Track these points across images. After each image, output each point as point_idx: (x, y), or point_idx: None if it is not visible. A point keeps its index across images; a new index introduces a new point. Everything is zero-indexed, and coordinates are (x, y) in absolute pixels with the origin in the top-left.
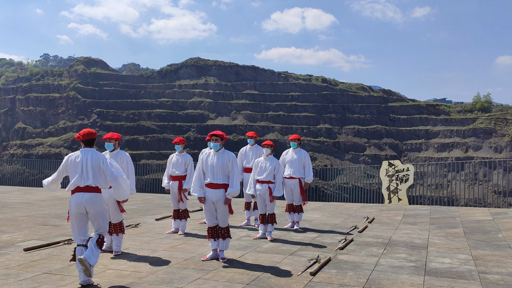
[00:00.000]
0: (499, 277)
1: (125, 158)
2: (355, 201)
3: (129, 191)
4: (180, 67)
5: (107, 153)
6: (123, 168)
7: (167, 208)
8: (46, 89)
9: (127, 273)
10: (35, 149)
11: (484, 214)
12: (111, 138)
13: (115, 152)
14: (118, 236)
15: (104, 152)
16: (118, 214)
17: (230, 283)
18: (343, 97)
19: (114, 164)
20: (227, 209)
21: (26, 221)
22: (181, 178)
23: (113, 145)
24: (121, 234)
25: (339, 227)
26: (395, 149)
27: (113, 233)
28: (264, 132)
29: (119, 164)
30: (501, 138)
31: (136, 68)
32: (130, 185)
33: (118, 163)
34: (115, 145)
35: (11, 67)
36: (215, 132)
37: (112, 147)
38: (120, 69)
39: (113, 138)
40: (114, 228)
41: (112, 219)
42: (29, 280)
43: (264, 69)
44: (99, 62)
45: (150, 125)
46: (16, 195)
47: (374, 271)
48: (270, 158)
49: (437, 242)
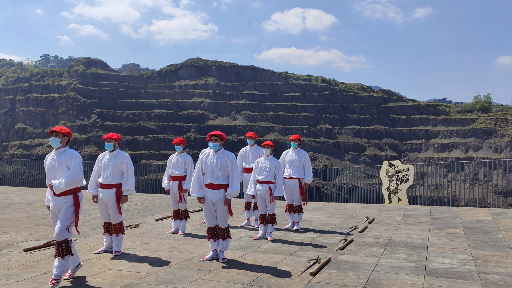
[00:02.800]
0: (499, 277)
1: (125, 158)
2: (355, 202)
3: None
4: (180, 68)
5: (107, 153)
6: (122, 168)
7: (167, 208)
8: (46, 89)
9: (127, 273)
10: (35, 150)
11: (484, 214)
12: (111, 138)
13: (114, 152)
14: (118, 236)
15: (104, 152)
16: (118, 214)
17: (230, 284)
18: (343, 98)
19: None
20: (226, 210)
21: (26, 221)
22: (181, 178)
23: (112, 145)
24: (121, 235)
25: (339, 227)
26: (395, 149)
27: (113, 233)
28: (264, 133)
29: (119, 165)
30: (501, 138)
31: (136, 69)
32: (129, 186)
33: (117, 163)
34: (115, 146)
35: (11, 67)
36: (215, 133)
37: (112, 148)
38: (120, 70)
39: (112, 138)
40: (114, 228)
41: (112, 220)
42: (29, 281)
43: (264, 69)
44: (99, 62)
45: (150, 125)
46: (16, 196)
47: (374, 271)
48: (270, 158)
49: (437, 242)
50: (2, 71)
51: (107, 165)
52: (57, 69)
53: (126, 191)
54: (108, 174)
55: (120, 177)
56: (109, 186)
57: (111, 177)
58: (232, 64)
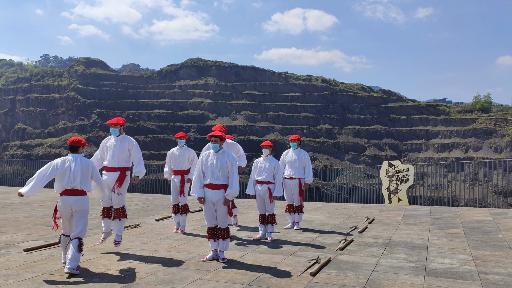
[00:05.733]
0: (499, 278)
1: (134, 143)
2: (355, 202)
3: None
4: (180, 68)
5: (111, 138)
6: (131, 152)
7: (167, 208)
8: (46, 89)
9: (127, 273)
10: (35, 150)
11: (484, 215)
12: (116, 124)
13: (120, 137)
14: (121, 221)
15: (108, 137)
16: (122, 198)
17: (230, 284)
18: (343, 98)
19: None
20: (226, 210)
21: (26, 221)
22: (183, 172)
23: (118, 130)
24: (123, 219)
25: (339, 227)
26: (395, 150)
27: (116, 217)
28: (264, 133)
29: (127, 149)
30: (501, 139)
31: (136, 69)
32: (141, 167)
33: (125, 147)
34: (120, 130)
35: (11, 67)
36: (214, 133)
37: (118, 133)
38: (120, 70)
39: (118, 123)
40: (116, 212)
41: (115, 204)
42: (29, 281)
43: (264, 69)
44: (99, 62)
45: (150, 125)
46: (16, 196)
47: (374, 272)
48: (269, 158)
49: (437, 242)
50: (2, 71)
51: (113, 149)
52: (57, 69)
53: (137, 172)
54: (114, 157)
55: (125, 161)
56: (114, 169)
57: (116, 161)
58: (232, 64)
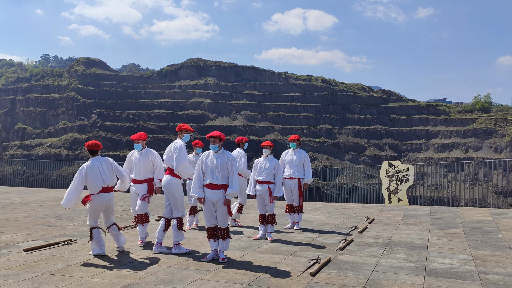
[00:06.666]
0: (499, 278)
1: (156, 155)
2: (355, 202)
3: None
4: (180, 68)
5: (135, 152)
6: (154, 164)
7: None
8: (46, 89)
9: (127, 273)
10: (35, 150)
11: (484, 215)
12: (139, 139)
13: (144, 151)
14: (143, 226)
15: (132, 151)
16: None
17: (230, 284)
18: (343, 98)
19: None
20: (226, 210)
21: (26, 221)
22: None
23: (141, 145)
24: (146, 224)
25: (339, 227)
26: (395, 150)
27: (139, 223)
28: (264, 133)
29: (149, 162)
30: (501, 139)
31: (136, 69)
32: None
33: (148, 161)
34: (143, 145)
35: (11, 67)
36: (213, 134)
37: (141, 147)
38: (120, 70)
39: (141, 139)
40: (139, 218)
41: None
42: (29, 281)
43: (264, 69)
44: (99, 62)
45: (150, 125)
46: (16, 196)
47: (374, 272)
48: (269, 158)
49: (437, 242)
50: (2, 71)
51: (138, 163)
52: (57, 69)
53: (158, 183)
54: (139, 171)
55: (151, 172)
56: (141, 181)
57: (142, 173)
58: (232, 64)
